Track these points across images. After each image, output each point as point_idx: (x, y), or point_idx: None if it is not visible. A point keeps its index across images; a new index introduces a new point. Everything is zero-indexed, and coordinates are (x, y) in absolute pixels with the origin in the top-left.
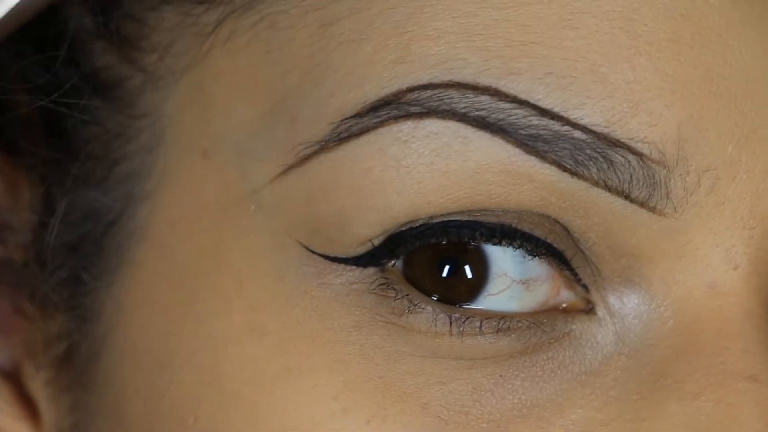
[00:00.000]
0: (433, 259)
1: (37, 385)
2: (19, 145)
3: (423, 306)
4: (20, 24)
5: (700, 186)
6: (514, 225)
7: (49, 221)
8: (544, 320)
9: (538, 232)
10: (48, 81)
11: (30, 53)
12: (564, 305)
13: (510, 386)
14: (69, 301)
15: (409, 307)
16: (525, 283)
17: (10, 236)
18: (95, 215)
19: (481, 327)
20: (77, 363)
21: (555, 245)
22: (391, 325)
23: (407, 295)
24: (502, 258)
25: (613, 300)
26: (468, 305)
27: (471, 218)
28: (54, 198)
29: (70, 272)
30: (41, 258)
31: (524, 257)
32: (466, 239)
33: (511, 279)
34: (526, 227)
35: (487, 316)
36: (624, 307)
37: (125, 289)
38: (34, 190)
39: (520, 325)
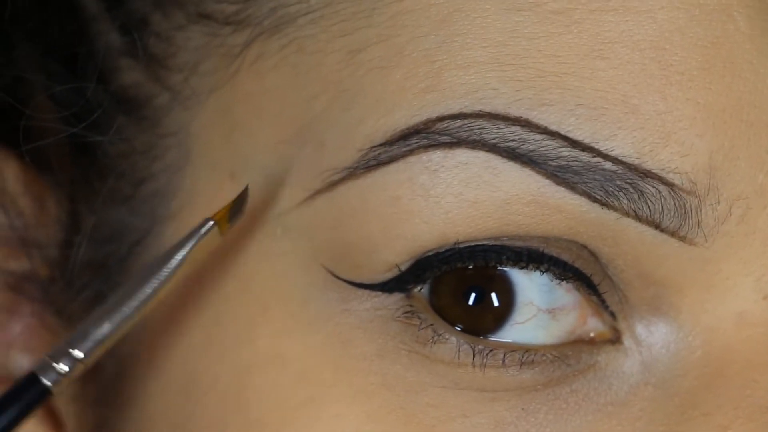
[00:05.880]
0: (459, 286)
1: (63, 400)
2: (47, 161)
3: (447, 336)
4: None
5: (731, 215)
6: (541, 249)
7: (75, 238)
8: (569, 352)
9: (565, 257)
10: (76, 98)
11: (59, 71)
12: (591, 335)
13: (533, 419)
14: None
15: (433, 337)
16: (551, 312)
17: (36, 252)
18: (121, 234)
19: (504, 360)
20: (102, 380)
21: (583, 270)
22: (415, 354)
23: (432, 324)
24: (528, 287)
25: (640, 329)
26: (493, 335)
27: (498, 243)
28: (81, 215)
29: (96, 291)
30: (67, 275)
31: (551, 282)
32: (492, 263)
33: (537, 308)
34: (553, 251)
35: (511, 348)
36: (651, 336)
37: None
38: (61, 207)
39: (544, 358)
